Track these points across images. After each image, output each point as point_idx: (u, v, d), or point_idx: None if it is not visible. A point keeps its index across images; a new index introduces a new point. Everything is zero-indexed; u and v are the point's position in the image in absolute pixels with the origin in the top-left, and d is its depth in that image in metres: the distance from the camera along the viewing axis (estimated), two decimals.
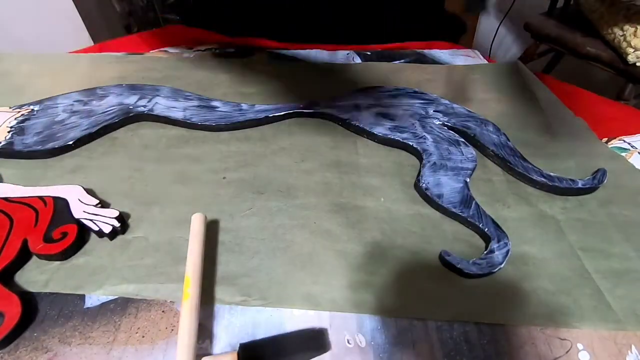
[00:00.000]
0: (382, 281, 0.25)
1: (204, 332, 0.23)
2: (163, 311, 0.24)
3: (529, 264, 0.26)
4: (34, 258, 0.26)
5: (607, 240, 0.28)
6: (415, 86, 0.42)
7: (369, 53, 0.52)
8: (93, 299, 0.24)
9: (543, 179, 0.31)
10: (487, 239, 0.28)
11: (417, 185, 0.32)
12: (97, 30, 1.00)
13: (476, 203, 0.29)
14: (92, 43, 0.99)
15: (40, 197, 0.28)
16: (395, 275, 0.25)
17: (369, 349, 0.22)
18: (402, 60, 0.50)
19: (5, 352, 0.22)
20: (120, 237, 0.27)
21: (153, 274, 0.25)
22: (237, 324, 0.23)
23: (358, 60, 0.50)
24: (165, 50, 0.52)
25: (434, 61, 0.51)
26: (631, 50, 0.75)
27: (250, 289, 0.25)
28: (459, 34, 1.27)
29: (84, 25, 0.96)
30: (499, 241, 0.27)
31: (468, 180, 0.32)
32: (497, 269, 0.25)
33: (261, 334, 0.23)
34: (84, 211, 0.28)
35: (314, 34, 0.55)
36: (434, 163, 0.33)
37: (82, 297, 0.24)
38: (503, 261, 0.26)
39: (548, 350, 0.22)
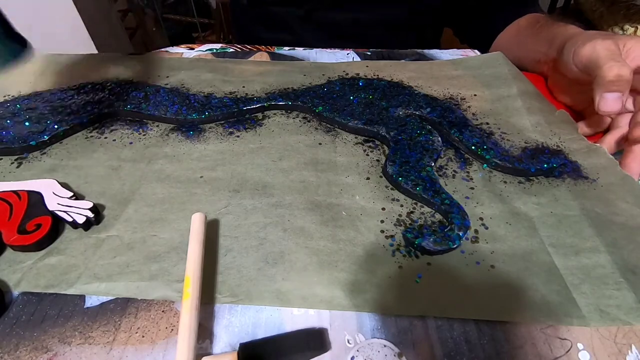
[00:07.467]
0: (353, 278, 0.25)
1: (204, 332, 0.23)
2: (163, 311, 0.24)
3: (498, 261, 0.26)
4: (6, 257, 0.26)
5: (579, 235, 0.28)
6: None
7: (369, 53, 0.52)
8: (93, 299, 0.24)
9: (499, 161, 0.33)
10: (450, 220, 0.28)
11: (384, 171, 0.33)
12: (98, 30, 1.01)
13: (440, 186, 0.31)
14: (92, 43, 0.99)
15: (15, 192, 0.29)
16: (366, 272, 0.26)
17: None
18: (401, 60, 0.50)
19: (5, 352, 0.22)
20: (94, 236, 0.27)
21: (125, 272, 0.25)
22: (237, 323, 0.23)
23: (358, 60, 0.50)
24: (166, 50, 0.52)
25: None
26: None
27: (222, 286, 0.25)
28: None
29: (83, 25, 0.96)
30: (460, 219, 0.28)
31: (433, 164, 0.33)
32: (455, 246, 0.26)
33: (261, 333, 0.23)
34: (58, 203, 0.28)
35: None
36: (401, 149, 0.34)
37: (82, 297, 0.24)
38: (463, 237, 0.27)
39: (548, 350, 0.22)
